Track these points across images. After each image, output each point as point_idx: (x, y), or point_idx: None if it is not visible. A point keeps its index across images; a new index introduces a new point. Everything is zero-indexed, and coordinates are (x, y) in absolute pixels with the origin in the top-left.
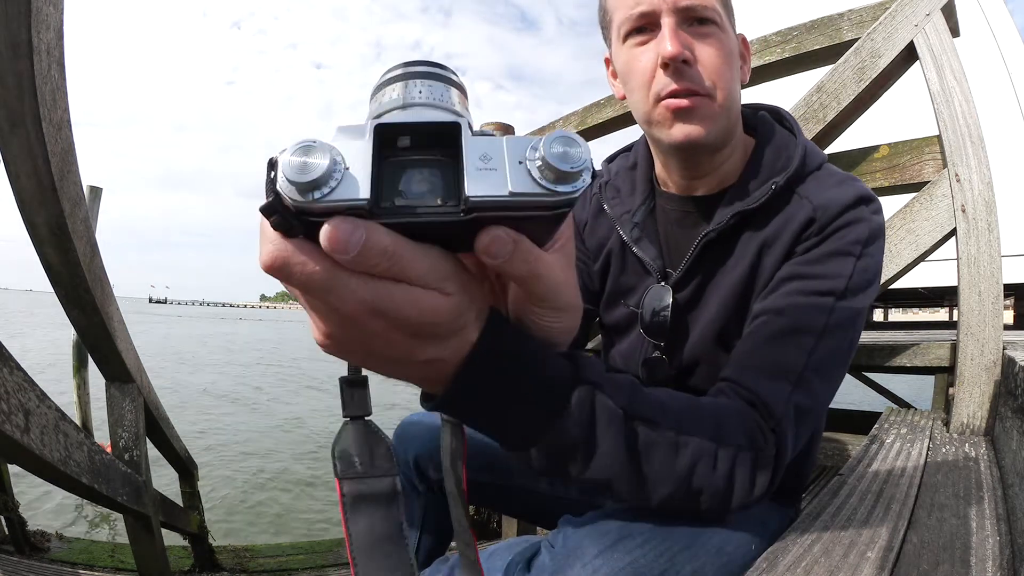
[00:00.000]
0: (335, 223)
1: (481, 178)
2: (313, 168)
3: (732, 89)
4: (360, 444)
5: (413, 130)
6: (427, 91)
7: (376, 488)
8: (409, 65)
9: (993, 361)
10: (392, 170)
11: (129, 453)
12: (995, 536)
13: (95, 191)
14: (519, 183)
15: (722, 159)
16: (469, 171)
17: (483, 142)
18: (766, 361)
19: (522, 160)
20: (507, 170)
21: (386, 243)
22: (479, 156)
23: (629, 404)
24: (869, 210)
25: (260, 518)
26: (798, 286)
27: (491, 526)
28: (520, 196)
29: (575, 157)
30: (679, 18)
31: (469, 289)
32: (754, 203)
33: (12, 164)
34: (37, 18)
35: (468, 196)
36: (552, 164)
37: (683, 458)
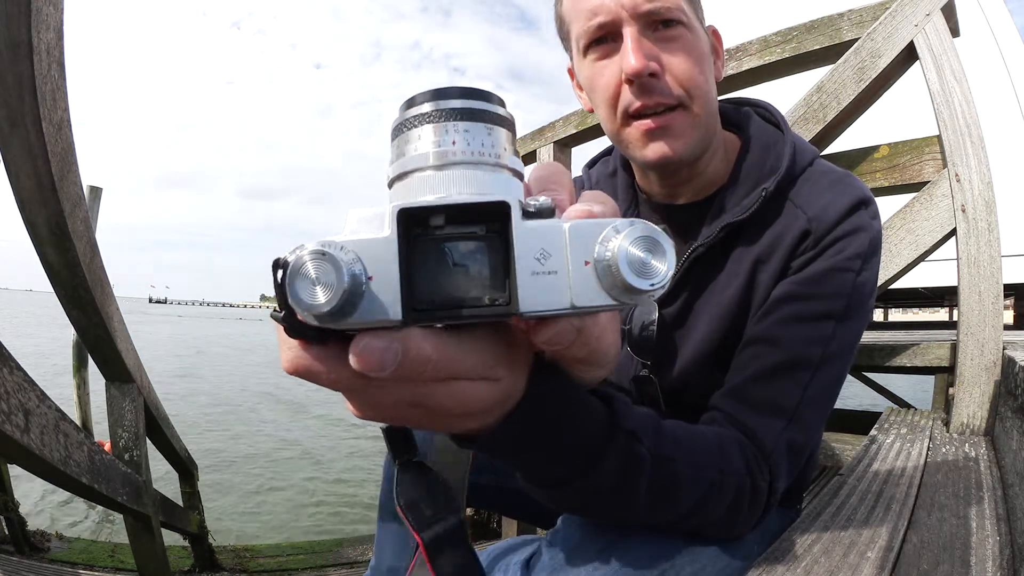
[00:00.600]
0: (364, 344)
1: (537, 286)
2: (329, 293)
3: (707, 93)
4: (420, 489)
5: (450, 212)
6: (465, 140)
7: (449, 527)
8: (440, 97)
9: (993, 361)
10: (426, 256)
11: (129, 453)
12: (995, 536)
13: (95, 191)
14: (584, 294)
15: (703, 165)
16: (522, 276)
17: (540, 231)
18: (760, 398)
19: (589, 260)
20: (569, 275)
21: (427, 353)
22: (535, 255)
23: (657, 446)
24: (868, 215)
25: (260, 518)
26: (795, 310)
27: (491, 526)
28: (584, 309)
29: (655, 272)
30: (641, 25)
31: (517, 361)
32: (744, 213)
33: (12, 164)
34: (37, 18)
35: (522, 312)
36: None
37: (697, 492)
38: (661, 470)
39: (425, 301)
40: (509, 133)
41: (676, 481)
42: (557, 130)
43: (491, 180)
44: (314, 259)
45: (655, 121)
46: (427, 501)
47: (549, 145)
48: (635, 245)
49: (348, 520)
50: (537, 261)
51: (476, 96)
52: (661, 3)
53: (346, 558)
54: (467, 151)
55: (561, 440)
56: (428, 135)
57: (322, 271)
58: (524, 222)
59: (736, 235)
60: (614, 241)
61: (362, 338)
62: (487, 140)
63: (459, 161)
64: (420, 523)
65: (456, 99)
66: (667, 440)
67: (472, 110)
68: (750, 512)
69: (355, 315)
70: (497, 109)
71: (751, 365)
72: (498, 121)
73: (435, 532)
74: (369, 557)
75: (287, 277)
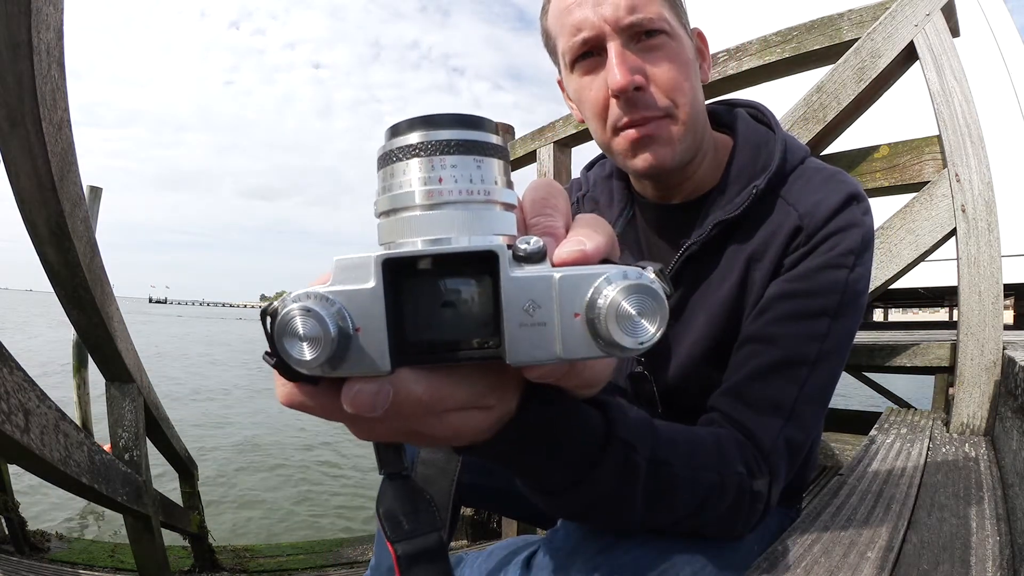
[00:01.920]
0: (356, 391)
1: (525, 337)
2: (317, 349)
3: (693, 100)
4: (403, 502)
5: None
6: (453, 178)
7: (426, 545)
8: (428, 127)
9: (993, 361)
10: (415, 299)
11: (129, 453)
12: (995, 536)
13: (95, 191)
14: (572, 346)
15: (694, 168)
16: (510, 327)
17: (528, 283)
18: (758, 396)
19: (579, 312)
20: (557, 327)
21: (417, 394)
22: (523, 306)
23: (652, 452)
24: (860, 211)
25: (260, 517)
26: (790, 308)
27: (491, 526)
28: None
29: (644, 332)
30: (624, 38)
31: (508, 387)
32: (735, 211)
33: (12, 164)
34: (37, 18)
35: (509, 363)
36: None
37: (696, 494)
38: (657, 475)
39: (414, 344)
40: (501, 163)
41: (673, 485)
42: (557, 130)
43: (481, 220)
44: (301, 315)
45: (641, 131)
46: (408, 515)
47: (549, 145)
48: (627, 301)
49: (348, 520)
50: (526, 312)
51: (467, 125)
52: (643, 14)
53: (346, 558)
54: (455, 189)
55: (555, 451)
56: (415, 170)
57: (308, 327)
58: (512, 273)
59: (729, 233)
60: (604, 295)
61: (353, 384)
62: (476, 175)
63: (447, 201)
64: (396, 534)
65: (445, 129)
66: (663, 444)
67: (462, 142)
68: (750, 512)
69: (344, 366)
70: (489, 138)
71: (747, 364)
72: (490, 151)
73: (412, 547)
74: (369, 557)
75: (275, 334)
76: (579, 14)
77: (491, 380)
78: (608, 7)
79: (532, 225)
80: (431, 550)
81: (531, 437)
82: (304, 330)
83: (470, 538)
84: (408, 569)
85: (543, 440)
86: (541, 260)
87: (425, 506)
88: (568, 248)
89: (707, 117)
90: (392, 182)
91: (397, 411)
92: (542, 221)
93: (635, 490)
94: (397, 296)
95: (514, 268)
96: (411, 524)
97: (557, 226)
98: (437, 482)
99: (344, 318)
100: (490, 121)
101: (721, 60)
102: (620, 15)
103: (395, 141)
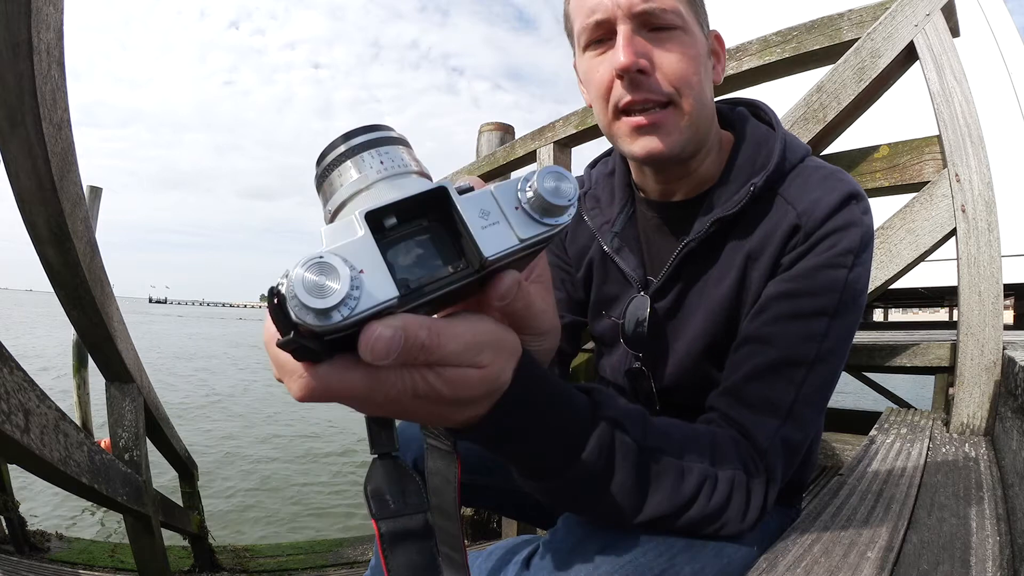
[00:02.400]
0: (374, 334)
1: (490, 235)
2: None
3: (700, 93)
4: (391, 482)
5: (401, 207)
6: (380, 161)
7: (411, 525)
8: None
9: (993, 361)
10: (393, 253)
11: (129, 453)
12: (995, 536)
13: (95, 191)
14: (523, 228)
15: (696, 164)
16: (476, 231)
17: (474, 199)
18: (755, 396)
19: (517, 205)
20: (508, 219)
21: (422, 337)
22: (478, 214)
23: (643, 437)
24: (859, 210)
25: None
26: (788, 308)
27: (491, 526)
28: (528, 240)
29: (566, 192)
30: (635, 24)
31: (501, 350)
32: (733, 208)
33: (12, 164)
34: (37, 18)
35: (487, 257)
36: (547, 200)
37: (687, 484)
38: (648, 459)
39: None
40: (409, 148)
41: (664, 471)
42: (557, 130)
43: (418, 183)
44: (311, 267)
45: (645, 118)
46: (395, 494)
47: (549, 145)
48: (548, 179)
49: (347, 519)
50: (482, 218)
51: (376, 129)
52: (656, 4)
53: (346, 558)
54: (389, 167)
55: (546, 425)
56: (350, 168)
57: (324, 271)
58: (461, 196)
59: (728, 231)
60: (532, 182)
61: (372, 328)
62: (398, 156)
63: (385, 175)
64: (382, 512)
65: (361, 135)
66: (655, 432)
67: (378, 139)
68: (745, 508)
69: (360, 305)
70: (392, 133)
71: (746, 364)
72: (399, 142)
73: (398, 525)
74: (369, 557)
75: (291, 289)
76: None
77: (484, 339)
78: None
79: None
80: (416, 531)
81: (523, 407)
82: (319, 276)
83: (470, 538)
84: (391, 548)
85: (534, 411)
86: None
87: (414, 488)
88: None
89: (715, 115)
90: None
91: (404, 357)
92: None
93: (624, 470)
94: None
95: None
96: (397, 504)
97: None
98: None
99: (347, 261)
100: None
101: None
102: (634, 2)
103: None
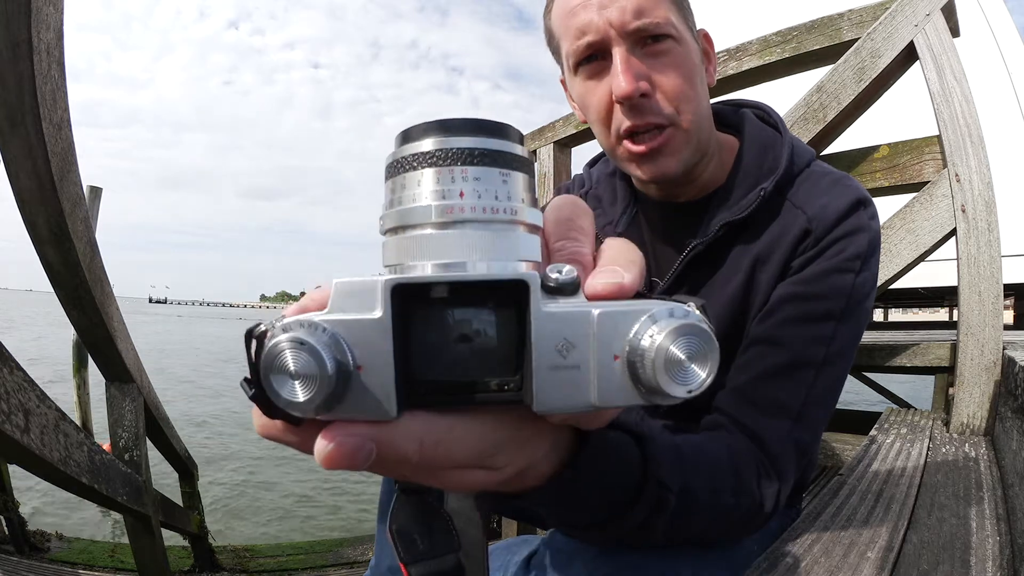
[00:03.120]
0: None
1: (555, 382)
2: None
3: (698, 107)
4: (419, 521)
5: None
6: (476, 192)
7: (442, 568)
8: (444, 132)
9: (993, 361)
10: (426, 330)
11: (129, 453)
12: (995, 536)
13: (95, 191)
14: (609, 393)
15: (699, 171)
16: (539, 370)
17: (563, 319)
18: (765, 398)
19: (619, 355)
20: (593, 371)
21: (407, 453)
22: (556, 346)
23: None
24: (867, 215)
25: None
26: (796, 311)
27: (491, 526)
28: (607, 407)
29: (694, 378)
30: (630, 43)
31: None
32: (742, 212)
33: (12, 164)
34: (37, 18)
35: (536, 410)
36: (661, 382)
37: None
38: (681, 505)
39: (424, 384)
40: (527, 177)
41: (693, 510)
42: (557, 130)
43: (503, 243)
44: (293, 348)
45: (647, 146)
46: (423, 534)
47: (549, 145)
48: (676, 344)
49: (346, 519)
50: (558, 353)
51: (490, 132)
52: (649, 19)
53: (346, 558)
54: (477, 206)
55: (590, 501)
56: (429, 181)
57: (301, 363)
58: (544, 306)
59: (735, 234)
60: (649, 336)
61: (326, 436)
62: (502, 191)
63: (467, 219)
64: (411, 555)
65: (465, 135)
66: (687, 469)
67: (485, 152)
68: (759, 516)
69: (341, 410)
70: (515, 148)
71: (754, 366)
72: (516, 164)
73: (428, 568)
74: (369, 557)
75: (261, 366)
76: (584, 17)
77: (503, 436)
78: (614, 10)
79: (556, 250)
80: (447, 573)
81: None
82: (296, 366)
83: None
84: None
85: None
86: (574, 292)
87: (441, 525)
88: (603, 280)
89: (712, 120)
90: (402, 195)
91: (383, 467)
92: (568, 246)
93: (661, 522)
94: (405, 328)
95: (546, 301)
96: (426, 544)
97: (585, 252)
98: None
99: (344, 353)
100: (514, 129)
101: (721, 60)
102: (626, 19)
103: (406, 148)
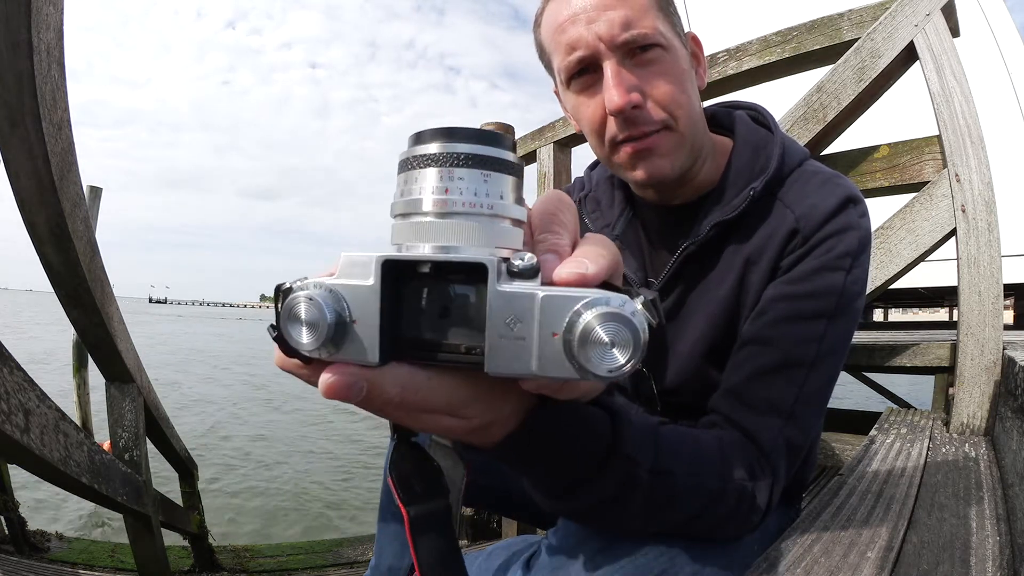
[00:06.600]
0: (331, 379)
1: (503, 350)
2: (314, 335)
3: (690, 110)
4: (415, 467)
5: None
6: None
7: (436, 509)
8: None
9: (993, 361)
10: (412, 298)
11: (129, 453)
12: (995, 536)
13: (95, 191)
14: (548, 364)
15: (694, 173)
16: (491, 338)
17: (513, 298)
18: (757, 397)
19: (557, 332)
20: (535, 343)
21: (391, 394)
22: (506, 320)
23: (654, 463)
24: (856, 213)
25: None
26: (787, 310)
27: (491, 526)
28: (548, 377)
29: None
30: (620, 55)
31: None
32: (733, 212)
33: (12, 164)
34: (37, 18)
35: (487, 371)
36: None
37: (697, 502)
38: (658, 485)
39: (405, 340)
40: (514, 179)
41: (673, 493)
42: (557, 130)
43: (485, 232)
44: (304, 301)
45: (639, 144)
46: (418, 478)
47: (549, 145)
48: (601, 328)
49: (348, 519)
50: (507, 326)
51: (483, 140)
52: (637, 30)
53: (346, 558)
54: (465, 201)
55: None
56: (431, 179)
57: (309, 313)
58: (499, 287)
59: (727, 234)
60: (582, 319)
61: (330, 372)
62: (482, 188)
63: (457, 211)
64: (409, 497)
65: (463, 143)
66: (665, 453)
67: (474, 156)
68: (749, 514)
69: (339, 353)
70: (504, 155)
71: (746, 366)
72: (502, 167)
73: (423, 509)
74: (369, 557)
75: (281, 314)
76: (573, 32)
77: (474, 392)
78: (603, 24)
79: (539, 241)
80: (441, 516)
81: (534, 448)
82: (305, 315)
83: (470, 538)
84: (419, 536)
85: (546, 451)
86: (533, 277)
87: (434, 472)
88: (568, 269)
89: (705, 122)
90: (409, 187)
91: (371, 404)
92: (548, 238)
93: (635, 498)
94: (397, 294)
95: (504, 282)
96: (422, 487)
97: (563, 244)
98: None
99: (343, 309)
100: (508, 138)
101: (721, 60)
102: (615, 32)
103: (416, 149)
